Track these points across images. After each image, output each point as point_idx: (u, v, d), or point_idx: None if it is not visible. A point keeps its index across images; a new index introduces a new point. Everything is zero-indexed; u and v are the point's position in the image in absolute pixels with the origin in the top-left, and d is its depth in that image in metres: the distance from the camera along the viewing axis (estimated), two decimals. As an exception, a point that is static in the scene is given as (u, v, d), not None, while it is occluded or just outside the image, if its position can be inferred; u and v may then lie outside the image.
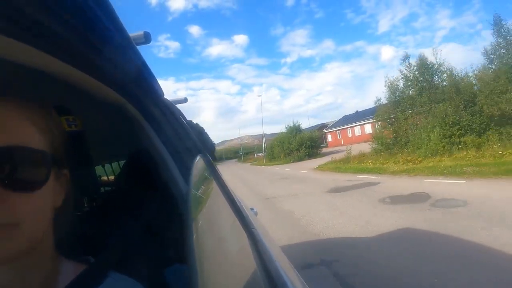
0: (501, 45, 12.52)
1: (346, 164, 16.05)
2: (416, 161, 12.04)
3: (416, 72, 15.09)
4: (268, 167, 25.90)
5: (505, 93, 11.32)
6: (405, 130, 15.17)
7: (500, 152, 9.72)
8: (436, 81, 14.70)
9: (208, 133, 1.57)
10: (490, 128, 11.60)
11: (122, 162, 3.53)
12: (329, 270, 3.59)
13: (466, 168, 8.90)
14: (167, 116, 0.88)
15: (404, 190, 7.51)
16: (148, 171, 0.94)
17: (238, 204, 0.79)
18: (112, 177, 3.58)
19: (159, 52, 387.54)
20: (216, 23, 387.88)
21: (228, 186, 0.90)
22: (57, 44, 0.44)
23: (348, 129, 40.01)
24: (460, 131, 11.91)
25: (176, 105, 1.52)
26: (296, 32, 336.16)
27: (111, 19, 0.46)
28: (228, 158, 75.04)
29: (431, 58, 14.38)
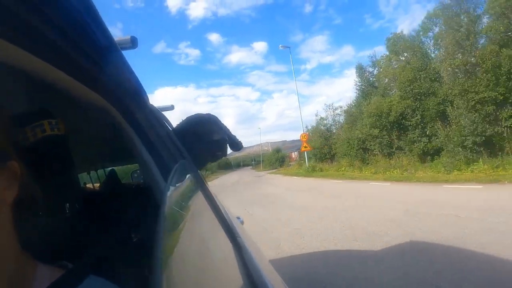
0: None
1: (280, 170, 33.95)
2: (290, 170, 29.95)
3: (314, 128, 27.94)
4: (259, 172, 43.40)
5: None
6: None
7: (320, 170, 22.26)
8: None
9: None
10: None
11: (107, 169, 3.48)
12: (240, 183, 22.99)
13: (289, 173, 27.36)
14: (152, 123, 0.87)
15: (265, 176, 29.04)
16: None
17: (222, 212, 0.78)
18: (97, 185, 3.52)
19: (179, 59, 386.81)
20: (236, 30, 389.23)
21: (213, 193, 0.89)
22: (39, 43, 0.43)
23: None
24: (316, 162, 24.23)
25: (163, 112, 1.50)
26: (315, 38, 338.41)
27: (96, 21, 0.45)
28: (246, 165, 77.97)
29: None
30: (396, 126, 16.25)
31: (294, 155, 50.93)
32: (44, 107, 0.87)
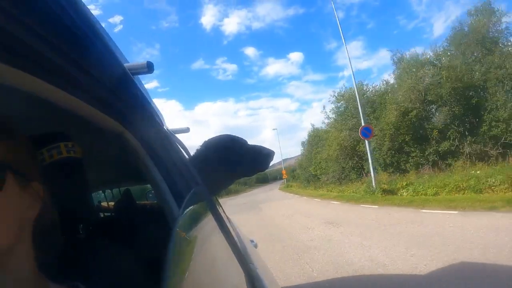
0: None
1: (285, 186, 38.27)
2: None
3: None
4: (281, 185, 47.88)
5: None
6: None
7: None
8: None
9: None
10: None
11: (122, 189, 3.52)
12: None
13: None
14: (167, 148, 0.88)
15: (275, 189, 36.37)
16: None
17: (235, 238, 0.77)
18: (112, 203, 3.54)
19: (218, 75, 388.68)
20: (270, 43, 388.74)
21: (226, 218, 0.88)
22: (57, 73, 0.45)
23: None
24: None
25: (179, 134, 1.52)
26: (350, 44, 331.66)
27: (110, 52, 0.46)
28: (282, 178, 75.41)
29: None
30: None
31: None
32: (62, 131, 0.90)
